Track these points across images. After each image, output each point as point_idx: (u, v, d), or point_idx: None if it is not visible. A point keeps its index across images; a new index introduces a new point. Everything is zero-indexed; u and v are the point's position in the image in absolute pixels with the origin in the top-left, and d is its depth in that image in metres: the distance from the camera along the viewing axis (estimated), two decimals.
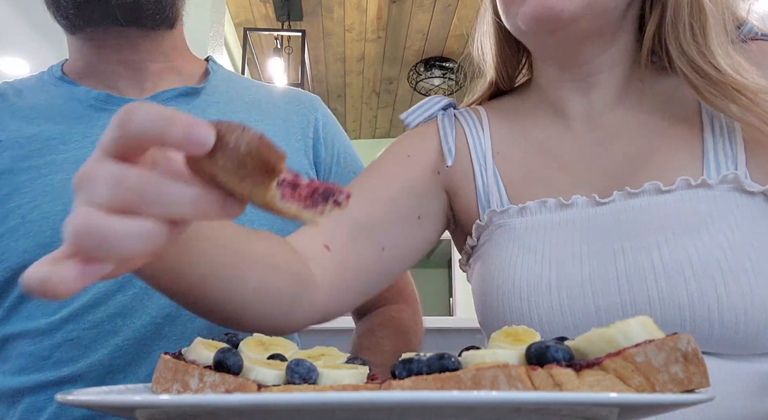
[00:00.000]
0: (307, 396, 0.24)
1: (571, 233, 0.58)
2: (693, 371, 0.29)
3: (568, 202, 0.60)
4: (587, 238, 0.57)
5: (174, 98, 0.76)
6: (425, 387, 0.29)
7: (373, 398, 0.24)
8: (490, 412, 0.26)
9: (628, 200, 0.57)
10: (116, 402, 0.26)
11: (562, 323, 0.56)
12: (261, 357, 0.36)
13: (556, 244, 0.58)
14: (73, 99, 0.74)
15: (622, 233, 0.55)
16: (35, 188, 0.67)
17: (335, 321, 0.66)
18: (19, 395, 0.65)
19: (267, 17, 3.90)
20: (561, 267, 0.57)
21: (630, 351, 0.29)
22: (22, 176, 0.68)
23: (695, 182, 0.54)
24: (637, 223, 0.55)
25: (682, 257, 0.51)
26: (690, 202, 0.54)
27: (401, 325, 0.85)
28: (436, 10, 3.80)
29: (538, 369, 0.29)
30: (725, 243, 0.51)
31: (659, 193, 0.56)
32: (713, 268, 0.50)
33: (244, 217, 0.65)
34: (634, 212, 0.56)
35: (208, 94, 0.80)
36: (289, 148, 0.81)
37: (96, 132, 0.71)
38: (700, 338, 0.49)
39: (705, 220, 0.52)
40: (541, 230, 0.60)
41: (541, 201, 0.61)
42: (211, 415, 0.26)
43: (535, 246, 0.59)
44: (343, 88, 4.86)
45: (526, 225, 0.61)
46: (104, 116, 0.73)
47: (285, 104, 0.85)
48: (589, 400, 0.25)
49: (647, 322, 0.31)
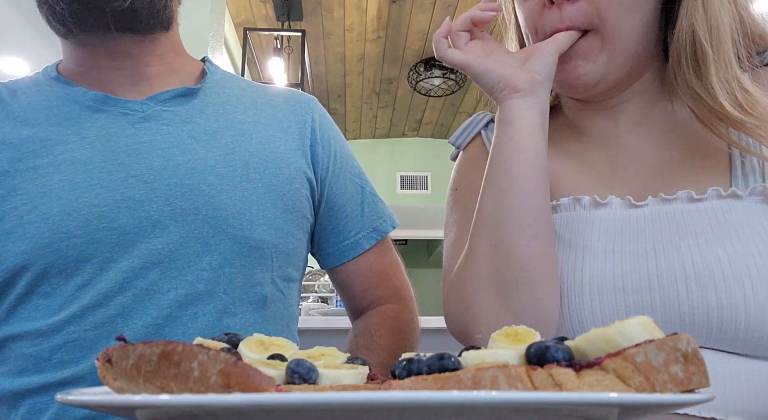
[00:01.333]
0: (307, 396, 0.24)
1: (605, 231, 0.59)
2: (693, 371, 0.29)
3: (604, 202, 0.61)
4: (622, 237, 0.58)
5: (171, 99, 0.76)
6: (425, 387, 0.29)
7: (373, 398, 0.24)
8: (490, 412, 0.26)
9: (662, 205, 0.58)
10: (116, 402, 0.26)
11: (592, 320, 0.57)
12: (261, 357, 0.36)
13: (590, 241, 0.59)
14: (69, 100, 0.74)
15: (655, 235, 0.57)
16: (33, 189, 0.67)
17: (335, 321, 0.67)
18: (20, 397, 0.64)
19: (267, 17, 3.90)
20: (594, 263, 0.58)
21: (630, 351, 0.29)
22: (18, 178, 0.68)
23: (725, 192, 0.56)
24: (671, 228, 0.56)
25: (713, 262, 0.53)
26: (721, 211, 0.55)
27: (398, 325, 0.85)
28: (436, 10, 3.80)
29: (538, 369, 0.29)
30: (755, 250, 0.52)
31: (692, 201, 0.57)
32: (743, 274, 0.51)
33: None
34: (668, 217, 0.57)
35: (206, 94, 0.80)
36: (287, 148, 0.81)
37: (93, 133, 0.71)
38: (727, 339, 0.51)
39: (736, 229, 0.54)
40: (574, 225, 0.61)
41: (575, 197, 0.63)
42: (211, 415, 0.26)
43: (568, 240, 0.60)
44: (343, 88, 4.86)
45: (561, 220, 0.62)
46: (102, 117, 0.73)
47: (282, 104, 0.85)
48: (589, 400, 0.25)
49: (647, 322, 0.31)
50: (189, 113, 0.77)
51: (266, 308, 0.75)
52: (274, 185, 0.77)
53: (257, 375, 0.27)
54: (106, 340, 0.65)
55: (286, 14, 3.77)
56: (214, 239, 0.70)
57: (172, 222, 0.69)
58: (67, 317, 0.65)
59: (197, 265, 0.69)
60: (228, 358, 0.27)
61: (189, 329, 0.67)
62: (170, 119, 0.75)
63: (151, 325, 0.66)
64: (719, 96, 0.55)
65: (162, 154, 0.72)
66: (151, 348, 0.28)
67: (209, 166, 0.73)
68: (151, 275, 0.67)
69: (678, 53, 0.59)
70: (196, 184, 0.71)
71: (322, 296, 3.16)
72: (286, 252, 0.77)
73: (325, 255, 0.88)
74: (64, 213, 0.66)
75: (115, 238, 0.67)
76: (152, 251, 0.68)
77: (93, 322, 0.65)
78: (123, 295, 0.66)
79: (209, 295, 0.69)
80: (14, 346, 0.66)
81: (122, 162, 0.70)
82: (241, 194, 0.73)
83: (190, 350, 0.28)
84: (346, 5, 3.76)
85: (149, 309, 0.66)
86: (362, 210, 0.88)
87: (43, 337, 0.65)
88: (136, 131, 0.73)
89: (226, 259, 0.71)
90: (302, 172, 0.81)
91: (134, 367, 0.29)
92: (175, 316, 0.67)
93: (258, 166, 0.76)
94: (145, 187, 0.69)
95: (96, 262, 0.66)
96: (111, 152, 0.70)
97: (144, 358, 0.28)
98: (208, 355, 0.28)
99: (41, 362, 0.65)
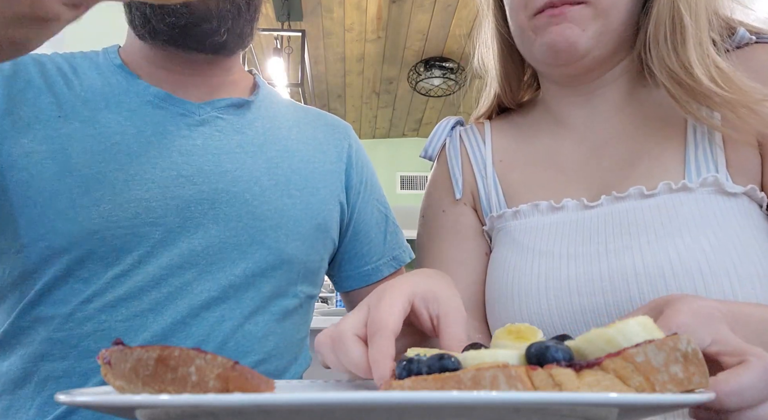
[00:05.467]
0: (307, 396, 0.24)
1: (560, 235, 0.60)
2: (693, 371, 0.29)
3: (559, 205, 0.62)
4: (575, 240, 0.59)
5: (227, 107, 0.79)
6: (425, 387, 0.29)
7: (372, 398, 0.24)
8: (490, 412, 0.26)
9: (614, 204, 0.58)
10: (116, 402, 0.26)
11: (551, 323, 0.57)
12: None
13: (546, 246, 0.60)
14: (130, 91, 0.75)
15: (607, 236, 0.57)
16: (88, 174, 0.67)
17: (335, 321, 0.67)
18: (43, 382, 0.65)
19: (267, 17, 3.90)
20: (549, 268, 0.58)
21: (630, 351, 0.29)
22: (75, 158, 0.68)
23: (676, 186, 0.56)
24: (622, 227, 0.56)
25: (663, 260, 0.52)
26: (672, 206, 0.55)
27: None
28: (436, 11, 3.80)
29: (538, 369, 0.29)
30: (707, 246, 0.52)
31: (643, 198, 0.57)
32: (694, 271, 0.51)
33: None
34: (619, 216, 0.57)
35: (257, 107, 0.82)
36: (325, 170, 0.83)
37: (151, 128, 0.72)
38: None
39: (687, 224, 0.53)
40: (532, 232, 0.62)
41: (533, 204, 0.63)
42: (211, 415, 0.26)
43: (526, 247, 0.61)
44: (343, 88, 4.86)
45: (520, 227, 0.63)
46: (160, 114, 0.74)
47: (322, 127, 0.89)
48: (589, 400, 0.25)
49: (647, 322, 0.31)
50: (240, 123, 0.79)
51: (286, 320, 0.76)
52: (310, 203, 0.79)
53: (256, 378, 0.27)
54: (135, 332, 0.66)
55: (286, 14, 3.77)
56: (251, 248, 0.72)
57: (214, 225, 0.71)
58: (101, 306, 0.65)
59: (231, 270, 0.71)
60: (226, 362, 0.27)
61: (214, 330, 0.69)
62: (223, 126, 0.77)
63: (178, 323, 0.67)
64: (696, 70, 0.55)
65: (212, 158, 0.74)
66: (148, 352, 0.28)
67: (254, 177, 0.75)
68: (187, 274, 0.69)
69: (656, 29, 0.58)
70: (240, 193, 0.73)
71: (322, 296, 3.16)
72: (312, 270, 0.80)
73: (344, 277, 0.90)
74: (115, 202, 0.67)
75: (159, 235, 0.68)
76: (192, 251, 0.69)
77: (125, 313, 0.66)
78: (157, 291, 0.67)
79: (237, 301, 0.71)
80: (41, 329, 0.66)
81: (174, 160, 0.71)
82: (281, 208, 0.76)
83: (187, 355, 0.28)
84: (346, 5, 3.76)
85: (179, 307, 0.68)
86: (385, 238, 0.90)
87: (73, 322, 0.65)
88: (190, 133, 0.74)
89: (258, 267, 0.73)
90: (336, 195, 0.84)
91: (132, 371, 0.29)
92: (202, 316, 0.68)
93: (298, 183, 0.79)
94: (194, 188, 0.71)
95: (137, 255, 0.67)
96: (165, 149, 0.72)
97: (141, 362, 0.28)
98: (205, 359, 0.28)
99: (67, 348, 0.65)
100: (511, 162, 0.70)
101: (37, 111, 0.70)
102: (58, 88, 0.72)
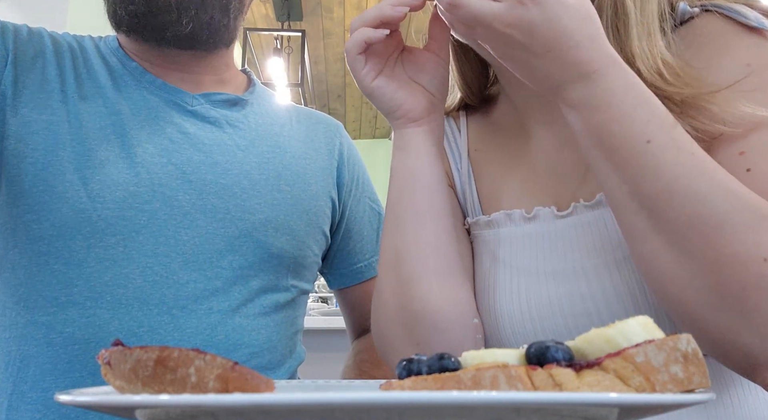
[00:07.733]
0: (307, 396, 0.24)
1: (536, 249, 0.58)
2: (693, 371, 0.29)
3: (530, 215, 0.59)
4: (551, 256, 0.56)
5: (221, 102, 0.79)
6: (425, 387, 0.29)
7: (372, 398, 0.24)
8: (490, 412, 0.26)
9: (585, 213, 0.56)
10: (115, 402, 0.26)
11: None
12: None
13: (523, 260, 0.58)
14: (126, 74, 0.76)
15: (582, 251, 0.55)
16: (78, 153, 0.68)
17: (335, 321, 0.67)
18: (25, 366, 0.65)
19: (267, 17, 3.90)
20: (529, 286, 0.56)
21: (630, 351, 0.29)
22: (69, 133, 0.69)
23: None
24: (594, 240, 0.54)
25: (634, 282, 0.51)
26: None
27: None
28: None
29: (538, 369, 0.29)
30: None
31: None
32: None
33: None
34: (591, 227, 0.55)
35: (251, 105, 0.83)
36: (316, 167, 0.84)
37: (144, 113, 0.73)
38: None
39: None
40: (508, 244, 0.60)
41: (506, 213, 0.61)
42: (210, 415, 0.26)
43: (504, 260, 0.59)
44: (343, 88, 4.87)
45: (496, 238, 0.61)
46: (154, 100, 0.75)
47: (314, 125, 0.89)
48: (589, 400, 0.25)
49: (647, 322, 0.31)
50: (233, 117, 0.79)
51: (277, 314, 0.76)
52: (301, 199, 0.79)
53: (255, 379, 0.27)
54: (119, 321, 0.66)
55: (286, 14, 3.78)
56: (239, 240, 0.72)
57: (201, 216, 0.71)
58: (87, 291, 0.66)
59: (219, 262, 0.71)
60: (225, 362, 0.27)
61: (202, 323, 0.69)
62: (216, 119, 0.77)
63: (164, 313, 0.67)
64: (637, 62, 0.51)
65: (203, 148, 0.74)
66: (147, 353, 0.28)
67: (245, 171, 0.75)
68: (173, 264, 0.69)
69: (599, 17, 0.53)
70: (229, 185, 0.74)
71: (322, 296, 3.16)
72: (304, 265, 0.80)
73: (337, 275, 0.91)
74: (103, 183, 0.67)
75: (144, 220, 0.68)
76: (178, 240, 0.69)
77: (110, 301, 0.66)
78: (143, 279, 0.67)
79: (225, 293, 0.71)
80: (24, 312, 0.66)
81: (166, 147, 0.72)
82: (271, 202, 0.76)
83: (186, 356, 0.28)
84: (346, 5, 3.76)
85: (166, 297, 0.68)
86: (377, 235, 0.90)
87: (57, 306, 0.65)
88: (182, 121, 0.75)
89: (246, 261, 0.73)
90: (327, 191, 0.84)
91: (132, 372, 0.29)
92: (190, 308, 0.68)
93: (289, 179, 0.79)
94: (182, 177, 0.71)
95: (121, 239, 0.67)
96: (156, 136, 0.72)
97: (141, 362, 0.28)
98: (204, 360, 0.28)
99: (52, 333, 0.65)
100: (485, 152, 0.68)
101: (43, 81, 0.71)
102: (67, 62, 0.73)
